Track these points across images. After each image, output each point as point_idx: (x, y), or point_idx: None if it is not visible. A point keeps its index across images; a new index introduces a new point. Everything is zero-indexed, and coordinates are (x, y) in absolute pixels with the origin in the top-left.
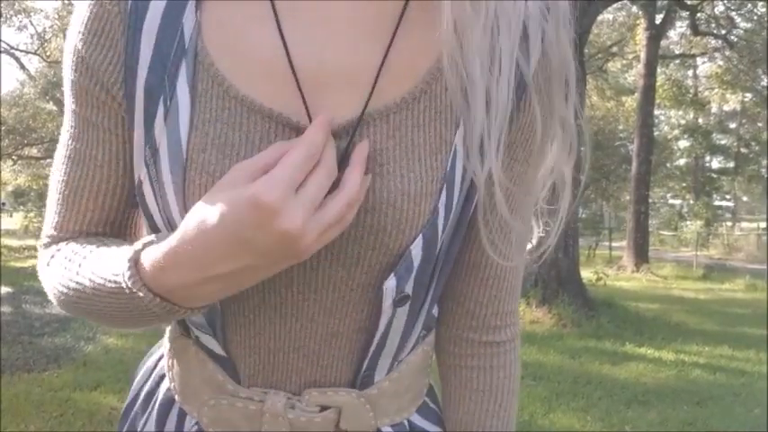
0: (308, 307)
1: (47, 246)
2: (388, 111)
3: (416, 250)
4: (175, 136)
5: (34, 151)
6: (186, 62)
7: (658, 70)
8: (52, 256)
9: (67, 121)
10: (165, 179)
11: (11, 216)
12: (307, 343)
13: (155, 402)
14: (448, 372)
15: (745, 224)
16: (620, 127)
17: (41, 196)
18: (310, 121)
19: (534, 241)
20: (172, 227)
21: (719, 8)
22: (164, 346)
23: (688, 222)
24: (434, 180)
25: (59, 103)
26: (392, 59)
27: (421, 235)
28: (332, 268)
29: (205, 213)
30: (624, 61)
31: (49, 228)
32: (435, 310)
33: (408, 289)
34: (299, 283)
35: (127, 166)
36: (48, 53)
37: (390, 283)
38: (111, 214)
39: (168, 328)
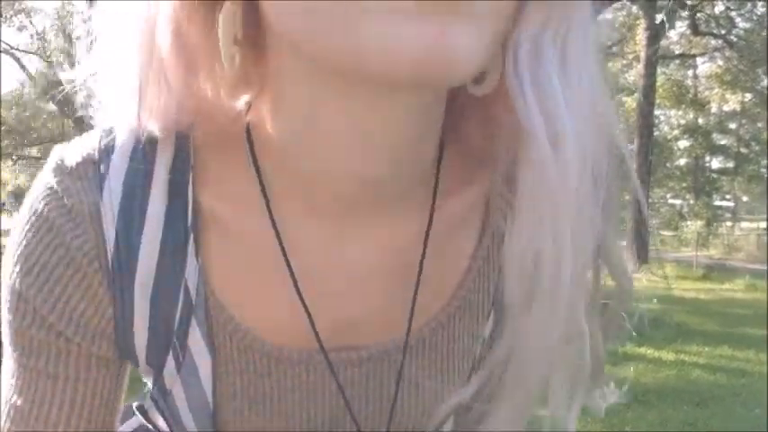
0: None
1: None
2: (423, 335)
3: None
4: (197, 390)
5: (34, 151)
6: (197, 319)
7: (658, 70)
8: None
9: (8, 367)
10: (186, 421)
11: (10, 216)
12: None
13: None
14: None
15: (745, 224)
16: (621, 126)
17: None
18: (331, 371)
19: None
20: None
21: (719, 8)
22: None
23: (688, 222)
24: (467, 375)
25: (59, 104)
26: (421, 288)
27: None
28: None
29: None
30: (624, 61)
31: None
32: None
33: None
34: None
35: (102, 408)
36: (48, 53)
37: None
38: None
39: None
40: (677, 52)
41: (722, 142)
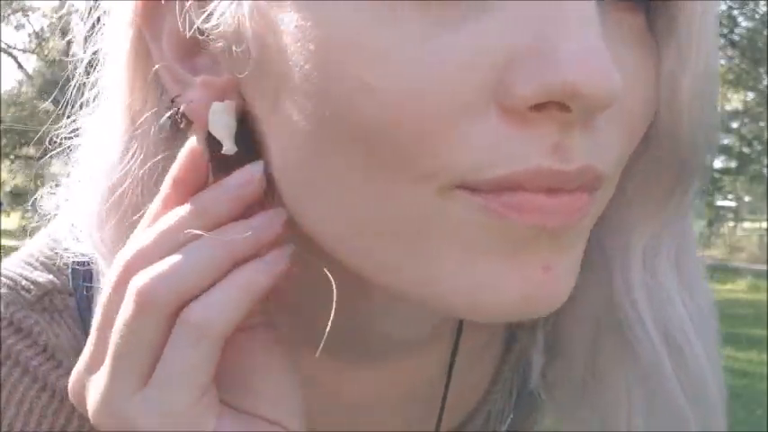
0: None
1: None
2: None
3: None
4: None
5: (32, 151)
6: None
7: None
8: None
9: None
10: None
11: (8, 216)
12: None
13: None
14: None
15: (747, 224)
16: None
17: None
18: None
19: None
20: None
21: (721, 7)
22: None
23: None
24: None
25: (57, 103)
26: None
27: None
28: None
29: None
30: None
31: None
32: None
33: None
34: None
35: None
36: (46, 52)
37: None
38: None
39: None
40: None
41: (724, 142)
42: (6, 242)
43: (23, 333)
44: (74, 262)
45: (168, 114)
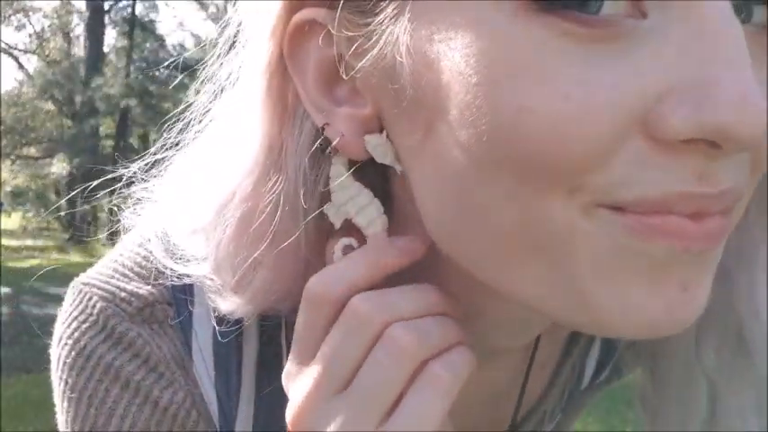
0: None
1: None
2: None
3: None
4: None
5: (32, 151)
6: None
7: None
8: None
9: None
10: None
11: (9, 216)
12: None
13: None
14: None
15: None
16: None
17: (39, 196)
18: None
19: None
20: None
21: None
22: None
23: None
24: None
25: (58, 103)
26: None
27: None
28: None
29: None
30: None
31: None
32: None
33: None
34: None
35: None
36: (47, 53)
37: None
38: None
39: None
40: None
41: None
42: (6, 242)
43: (124, 345)
44: (172, 271)
45: (318, 143)
